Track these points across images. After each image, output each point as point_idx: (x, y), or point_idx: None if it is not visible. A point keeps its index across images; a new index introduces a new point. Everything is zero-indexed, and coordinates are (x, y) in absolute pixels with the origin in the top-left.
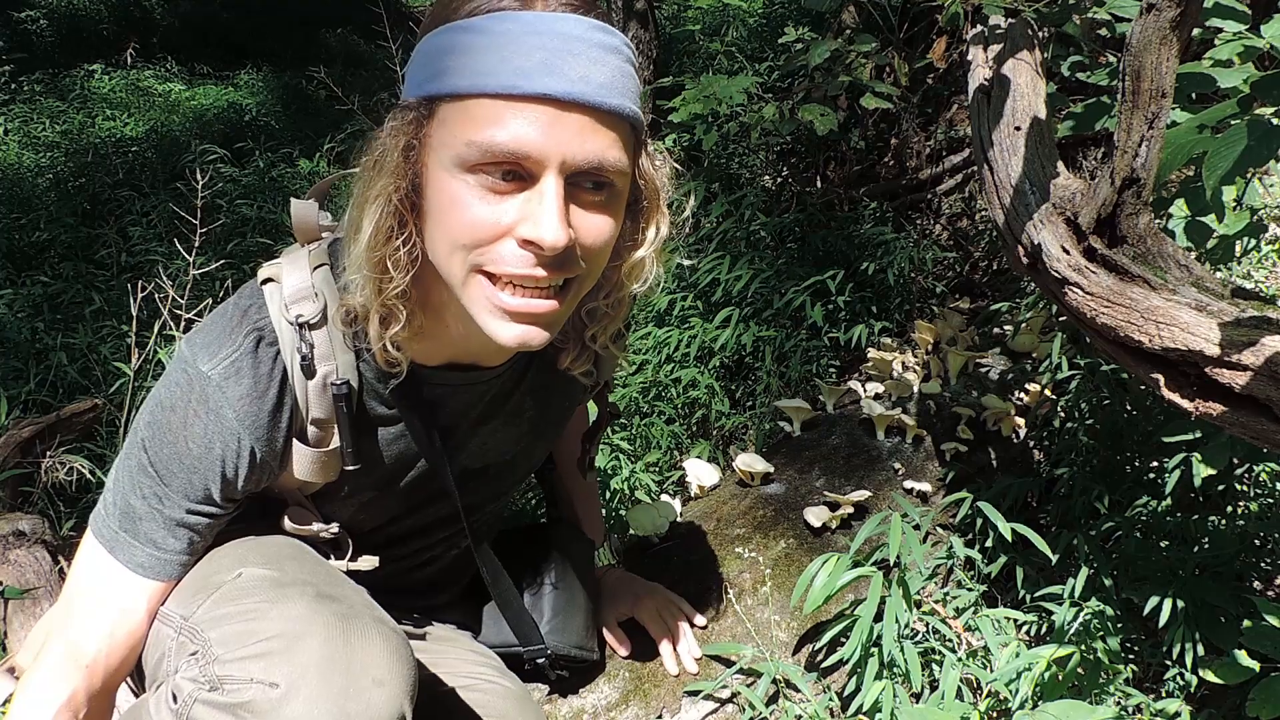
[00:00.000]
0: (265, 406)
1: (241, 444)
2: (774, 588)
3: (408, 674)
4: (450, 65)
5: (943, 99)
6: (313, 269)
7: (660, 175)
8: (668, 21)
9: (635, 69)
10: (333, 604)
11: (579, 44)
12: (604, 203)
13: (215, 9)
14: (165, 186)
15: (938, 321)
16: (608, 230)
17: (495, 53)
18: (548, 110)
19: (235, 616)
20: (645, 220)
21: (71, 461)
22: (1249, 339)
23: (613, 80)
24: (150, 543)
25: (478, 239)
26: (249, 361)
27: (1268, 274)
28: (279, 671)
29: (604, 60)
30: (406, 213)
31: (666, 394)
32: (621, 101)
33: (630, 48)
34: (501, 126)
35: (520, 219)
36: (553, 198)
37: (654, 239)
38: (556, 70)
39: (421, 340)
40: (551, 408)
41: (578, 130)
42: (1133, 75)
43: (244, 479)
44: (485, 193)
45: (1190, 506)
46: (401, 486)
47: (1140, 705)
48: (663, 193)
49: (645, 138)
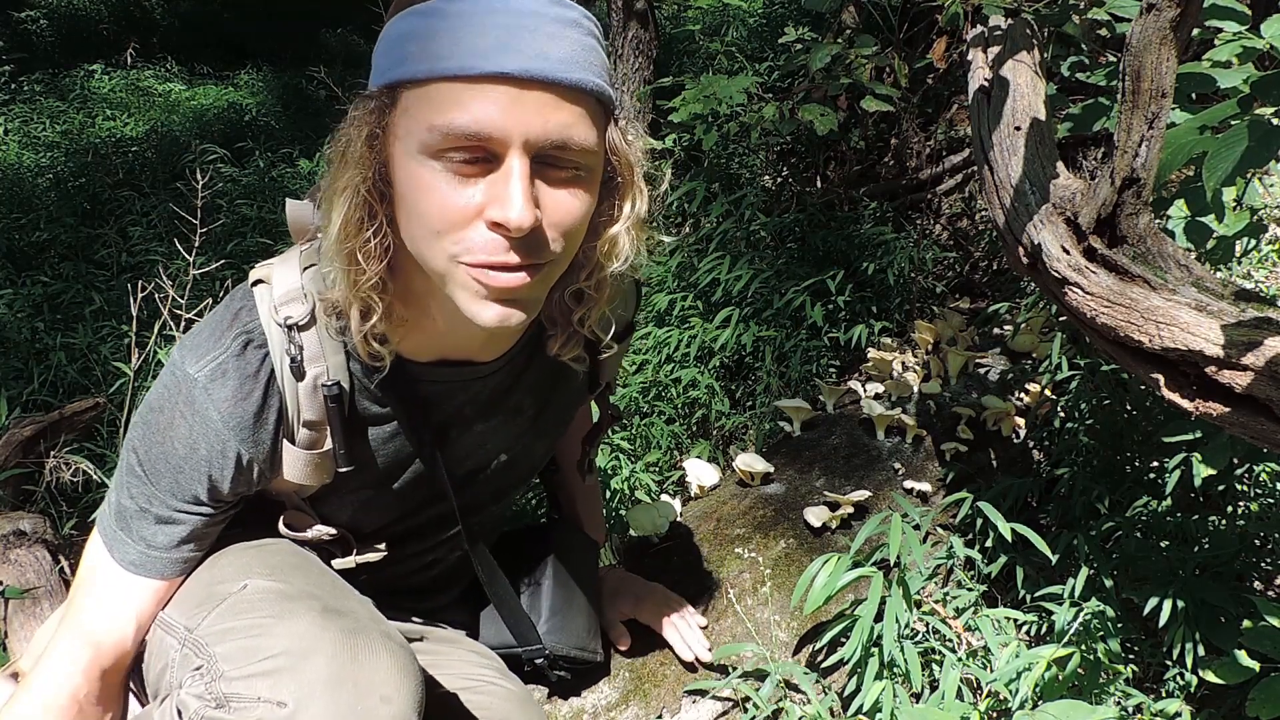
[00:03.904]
0: (250, 409)
1: (227, 446)
2: (774, 588)
3: (415, 689)
4: (409, 51)
5: (943, 99)
6: (303, 269)
7: (634, 150)
8: (668, 21)
9: (599, 42)
10: (339, 619)
11: (535, 19)
12: (573, 179)
13: (215, 9)
14: (165, 186)
15: (938, 321)
16: (578, 208)
17: (451, 35)
18: (507, 89)
19: (241, 631)
20: (620, 196)
21: (76, 462)
22: (1250, 339)
23: (573, 55)
24: (142, 540)
25: (449, 223)
26: (235, 364)
27: (1268, 274)
28: (286, 689)
29: (562, 35)
30: (376, 203)
31: (666, 394)
32: (584, 75)
33: (592, 21)
34: (462, 109)
35: (487, 201)
36: (517, 177)
37: (629, 214)
38: (513, 48)
39: (407, 333)
40: (551, 406)
41: (539, 108)
42: (1133, 75)
43: (230, 481)
44: (452, 177)
45: (1190, 506)
46: (397, 487)
47: (1140, 705)
48: (637, 168)
49: (616, 112)
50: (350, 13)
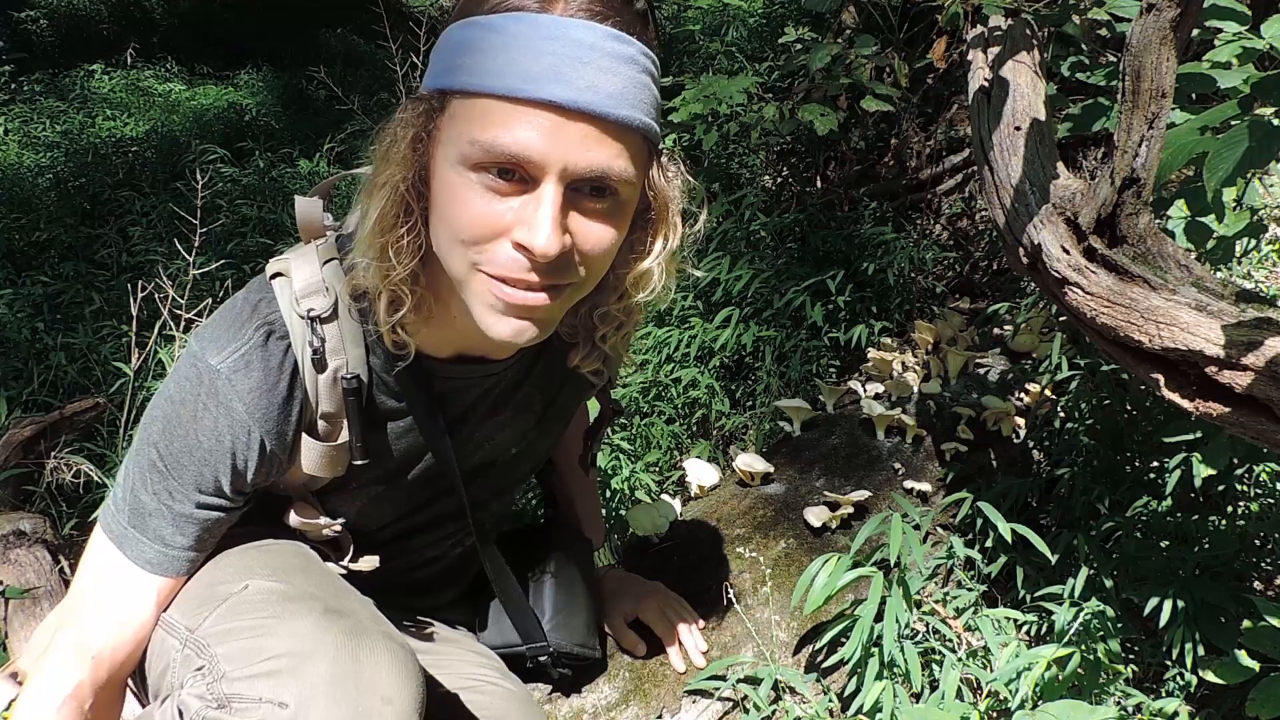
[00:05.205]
0: (276, 399)
1: (251, 436)
2: (774, 588)
3: (416, 690)
4: (464, 62)
5: (943, 99)
6: (322, 263)
7: (672, 188)
8: (668, 21)
9: (654, 79)
10: (341, 620)
11: (590, 52)
12: (607, 211)
13: (215, 9)
14: (165, 186)
15: (938, 321)
16: (608, 239)
17: (505, 53)
18: (551, 117)
19: (243, 632)
20: (653, 231)
21: (77, 463)
22: (1250, 339)
23: (624, 91)
24: (158, 539)
25: (475, 236)
26: (259, 355)
27: (1268, 274)
28: (288, 691)
29: (615, 70)
30: (413, 201)
31: (666, 394)
32: (631, 113)
33: (650, 58)
34: (505, 129)
35: (516, 222)
36: (549, 205)
37: (660, 251)
38: (564, 78)
39: (430, 328)
40: (557, 402)
41: (581, 139)
42: (1133, 75)
43: (254, 471)
44: (486, 192)
45: (1190, 506)
46: (408, 480)
47: (1140, 705)
48: (673, 205)
49: (660, 149)
50: (350, 13)
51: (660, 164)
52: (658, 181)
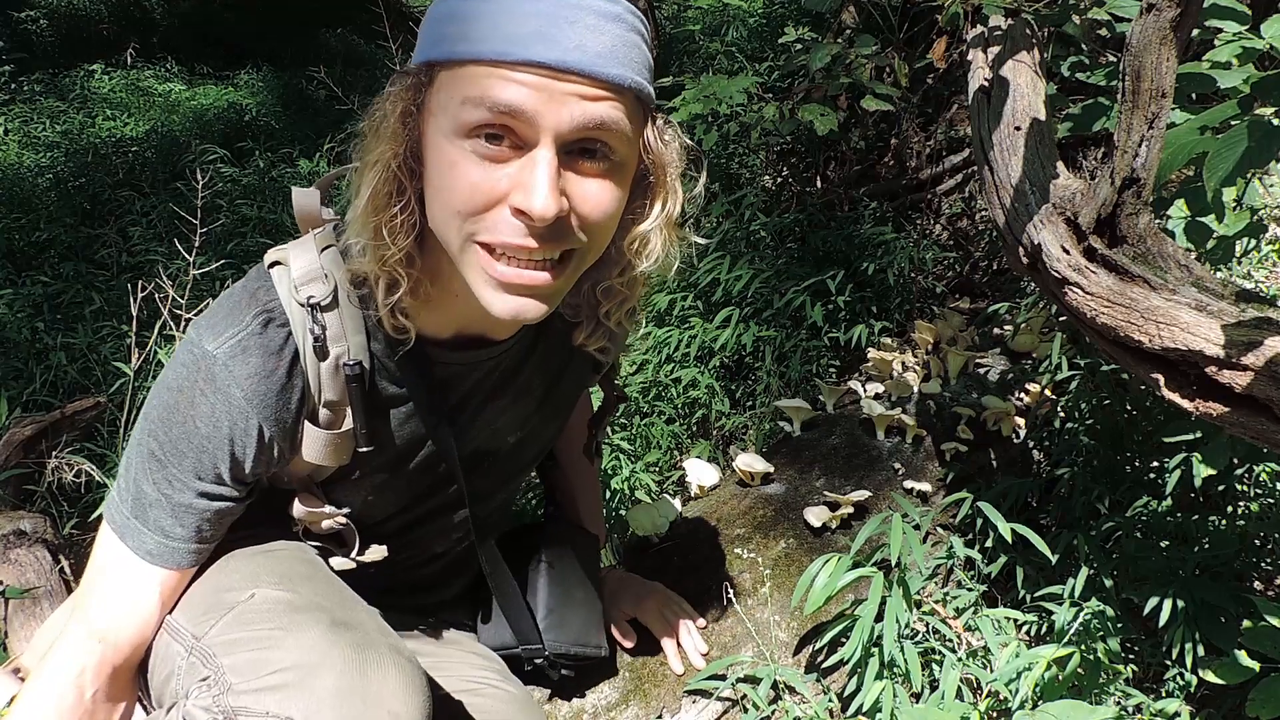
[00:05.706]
0: (274, 386)
1: (250, 422)
2: (774, 588)
3: (423, 704)
4: (449, 31)
5: (943, 99)
6: (320, 251)
7: (670, 151)
8: (668, 21)
9: (643, 39)
10: (348, 632)
11: (577, 11)
12: (605, 172)
13: (215, 9)
14: (165, 186)
15: (938, 321)
16: (608, 200)
17: (491, 19)
18: (540, 78)
19: (249, 643)
20: (652, 196)
21: (77, 462)
22: (1250, 339)
23: (613, 49)
24: (159, 529)
25: (473, 205)
26: (257, 341)
27: (1268, 274)
28: (295, 704)
29: (602, 28)
30: (405, 179)
31: (666, 394)
32: (621, 71)
33: (638, 17)
34: (495, 89)
35: (512, 187)
36: (544, 166)
37: (659, 214)
38: (551, 38)
39: (430, 310)
40: (559, 387)
41: (571, 98)
42: (1133, 75)
43: (253, 459)
44: (480, 160)
45: (1190, 506)
46: (410, 468)
47: (1140, 705)
48: (670, 169)
49: (654, 110)
50: (350, 13)
51: (656, 126)
52: (654, 144)
